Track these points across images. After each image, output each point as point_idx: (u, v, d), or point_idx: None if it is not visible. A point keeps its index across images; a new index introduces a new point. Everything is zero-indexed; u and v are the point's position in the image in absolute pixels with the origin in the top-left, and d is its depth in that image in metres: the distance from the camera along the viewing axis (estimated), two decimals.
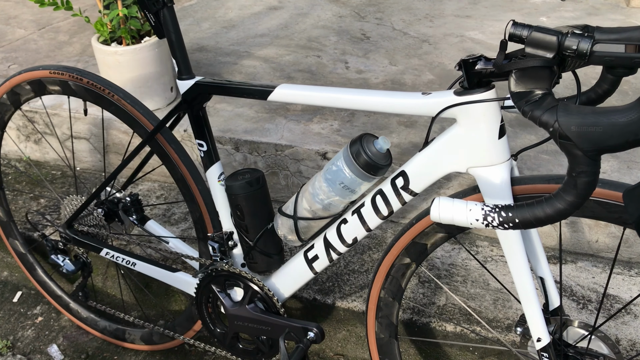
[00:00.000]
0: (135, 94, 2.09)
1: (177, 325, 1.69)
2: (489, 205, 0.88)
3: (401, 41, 2.72)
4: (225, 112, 2.13)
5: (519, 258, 1.11)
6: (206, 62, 2.52)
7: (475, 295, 1.67)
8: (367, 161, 1.16)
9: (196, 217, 1.48)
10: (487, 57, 1.02)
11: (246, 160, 1.99)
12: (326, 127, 2.02)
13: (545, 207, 0.84)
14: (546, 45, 0.90)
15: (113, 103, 1.45)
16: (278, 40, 2.75)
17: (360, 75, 2.38)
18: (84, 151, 2.23)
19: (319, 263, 1.34)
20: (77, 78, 1.47)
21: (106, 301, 2.00)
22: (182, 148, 1.44)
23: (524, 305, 1.15)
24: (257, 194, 1.35)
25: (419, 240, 1.23)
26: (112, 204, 1.67)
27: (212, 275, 1.45)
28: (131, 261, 1.58)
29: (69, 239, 1.62)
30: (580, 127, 0.77)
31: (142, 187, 2.17)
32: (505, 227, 0.88)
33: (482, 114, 1.03)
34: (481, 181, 1.08)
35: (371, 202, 1.21)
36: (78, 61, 2.56)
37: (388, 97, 1.12)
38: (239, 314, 1.44)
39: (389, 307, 1.34)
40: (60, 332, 1.92)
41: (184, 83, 1.33)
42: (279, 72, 2.40)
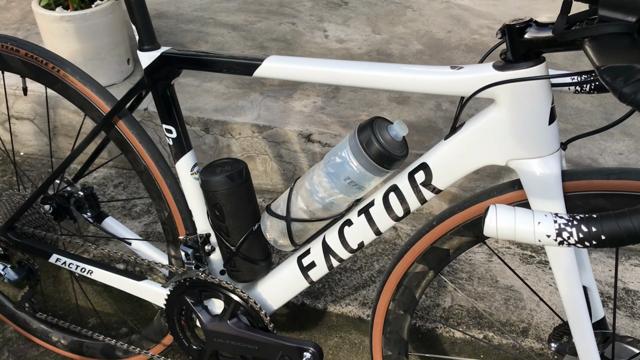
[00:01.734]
0: (86, 67, 1.80)
1: (143, 339, 1.45)
2: (564, 216, 0.67)
3: (382, 7, 2.48)
4: (191, 88, 1.86)
5: (570, 269, 0.92)
6: (166, 30, 2.23)
7: (483, 294, 1.48)
8: (380, 151, 0.94)
9: (164, 216, 1.24)
10: (539, 22, 0.80)
11: (218, 143, 1.74)
12: (309, 105, 1.78)
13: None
14: (628, 5, 0.69)
15: (59, 80, 1.19)
16: (247, 5, 2.47)
17: (342, 45, 2.14)
18: (28, 134, 1.94)
19: (315, 271, 1.12)
20: (12, 49, 1.20)
21: (59, 307, 1.74)
22: (146, 134, 1.19)
23: (572, 324, 0.96)
24: (239, 190, 1.12)
25: (440, 246, 1.03)
26: (62, 199, 1.41)
27: (185, 285, 1.22)
28: (87, 268, 1.33)
29: (9, 243, 1.35)
30: None
31: (97, 174, 1.90)
32: (586, 245, 0.67)
33: (531, 93, 0.82)
34: (525, 176, 0.87)
35: (383, 200, 0.99)
36: (18, 29, 2.24)
37: (411, 74, 0.90)
38: (218, 329, 1.22)
39: (399, 321, 1.14)
40: (5, 345, 1.66)
41: (147, 55, 1.07)
42: (250, 42, 2.14)
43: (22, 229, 1.35)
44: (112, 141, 1.21)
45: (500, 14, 2.41)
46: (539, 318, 1.42)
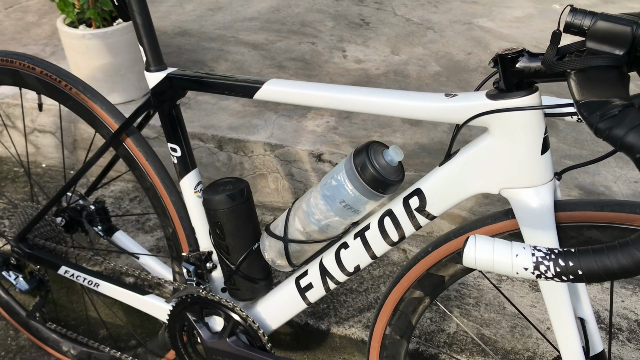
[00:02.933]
0: (106, 83, 1.86)
1: (148, 352, 1.47)
2: (542, 249, 0.67)
3: (403, 28, 2.49)
4: (207, 106, 1.90)
5: (561, 300, 0.90)
6: (189, 47, 2.28)
7: (489, 321, 1.46)
8: (374, 176, 0.94)
9: (169, 233, 1.26)
10: (532, 53, 0.80)
11: (231, 160, 1.77)
12: (321, 124, 1.79)
13: (621, 256, 0.62)
14: (616, 38, 0.69)
15: (71, 97, 1.22)
16: (269, 24, 2.51)
17: (360, 65, 2.15)
18: (49, 146, 1.99)
19: (313, 293, 1.13)
20: (29, 67, 1.24)
21: (72, 317, 1.78)
22: (153, 152, 1.22)
23: (564, 357, 0.95)
24: (240, 210, 1.14)
25: (435, 272, 1.02)
26: (74, 212, 1.44)
27: (186, 301, 1.23)
28: (94, 281, 1.36)
29: (22, 253, 1.39)
30: None
31: (114, 188, 1.94)
32: (563, 279, 0.66)
33: (523, 123, 0.82)
34: (517, 205, 0.87)
35: (378, 224, 0.99)
36: (46, 45, 2.31)
37: (403, 100, 0.90)
38: (218, 347, 1.23)
39: (396, 346, 1.13)
40: (18, 353, 1.70)
41: (153, 76, 1.10)
42: (269, 61, 2.17)
43: (34, 240, 1.39)
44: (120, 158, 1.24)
45: (522, 36, 2.40)
46: (545, 347, 1.39)
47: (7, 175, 2.01)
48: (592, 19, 0.71)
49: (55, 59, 2.17)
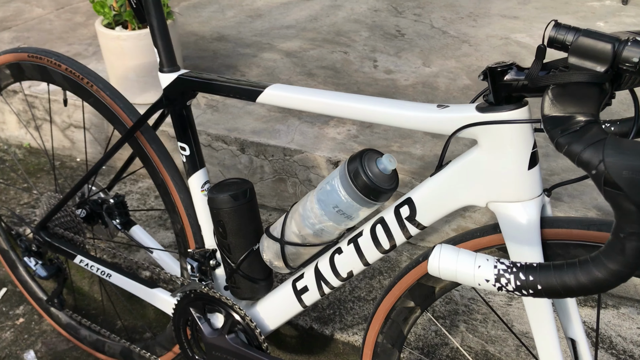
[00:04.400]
0: (139, 83, 1.93)
1: (157, 345, 1.51)
2: (505, 262, 0.67)
3: (439, 40, 2.49)
4: (234, 109, 1.94)
5: (544, 316, 0.89)
6: (224, 52, 2.34)
7: (495, 338, 1.44)
8: (366, 183, 0.95)
9: (178, 229, 1.30)
10: (520, 67, 0.80)
11: (252, 163, 1.80)
12: (342, 132, 1.81)
13: (580, 273, 0.62)
14: (597, 55, 0.68)
15: (92, 94, 1.28)
16: (304, 32, 2.55)
17: (389, 76, 2.16)
18: (83, 141, 2.08)
19: (308, 296, 1.14)
20: (55, 64, 1.30)
21: (92, 307, 1.84)
22: (165, 150, 1.26)
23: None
24: (242, 209, 1.16)
25: (425, 282, 1.02)
26: (95, 204, 1.50)
27: (190, 296, 1.27)
28: (106, 272, 1.41)
29: (42, 241, 1.46)
30: (636, 172, 0.55)
31: (141, 185, 2.01)
32: (523, 293, 0.66)
33: (510, 137, 0.81)
34: (503, 220, 0.86)
35: (370, 231, 1.00)
36: (90, 45, 2.41)
37: (398, 109, 0.91)
38: (217, 343, 1.26)
39: (387, 355, 1.13)
40: (40, 337, 1.77)
41: (166, 76, 1.15)
42: (299, 68, 2.20)
43: (53, 229, 1.46)
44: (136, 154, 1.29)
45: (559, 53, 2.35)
46: None
47: (44, 168, 2.10)
48: (574, 35, 0.71)
49: (96, 58, 2.27)
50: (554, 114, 0.65)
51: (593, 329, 1.46)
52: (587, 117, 0.62)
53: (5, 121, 2.20)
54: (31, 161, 2.14)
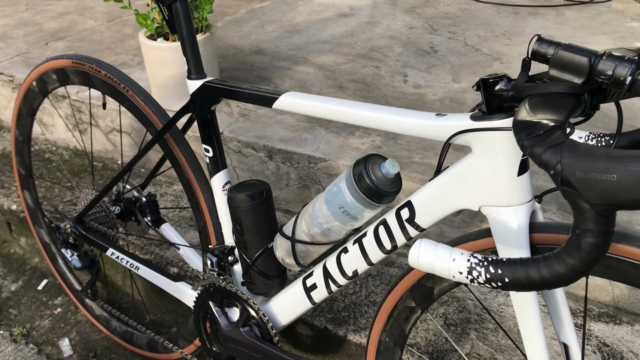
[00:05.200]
0: (177, 91, 2.04)
1: (180, 337, 1.60)
2: (477, 256, 0.72)
3: (471, 57, 2.53)
4: (265, 118, 2.03)
5: (531, 315, 0.93)
6: (260, 65, 2.44)
7: (505, 347, 1.47)
8: (369, 186, 1.01)
9: (201, 226, 1.39)
10: (510, 78, 0.85)
11: (279, 170, 1.89)
12: (367, 142, 1.88)
13: (542, 268, 0.66)
14: (575, 68, 0.73)
15: (127, 98, 1.39)
16: (339, 47, 2.63)
17: (417, 91, 2.21)
18: (125, 145, 2.20)
19: (317, 293, 1.21)
20: (96, 69, 1.42)
21: (125, 300, 1.95)
22: (191, 151, 1.35)
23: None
24: (258, 209, 1.24)
25: (425, 283, 1.07)
26: (129, 202, 1.61)
27: (209, 290, 1.35)
28: (135, 264, 1.51)
29: (77, 234, 1.57)
30: (588, 173, 0.59)
31: (177, 187, 2.12)
32: (493, 285, 0.71)
33: (501, 144, 0.86)
34: (494, 223, 0.91)
35: (374, 233, 1.06)
36: (135, 55, 2.55)
37: (398, 116, 0.97)
38: (232, 336, 1.33)
39: (390, 353, 1.19)
40: (75, 326, 1.88)
41: (193, 83, 1.24)
42: (330, 81, 2.28)
43: (89, 223, 1.56)
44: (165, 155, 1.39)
45: None
46: None
47: (87, 169, 2.24)
48: (555, 49, 0.76)
49: (140, 68, 2.40)
50: (523, 119, 0.70)
51: (605, 344, 1.47)
52: (553, 123, 0.67)
53: (54, 124, 2.35)
54: (76, 162, 2.28)
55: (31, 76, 1.57)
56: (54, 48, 2.65)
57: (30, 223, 1.87)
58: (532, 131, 0.67)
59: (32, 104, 1.63)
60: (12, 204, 2.07)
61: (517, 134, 0.69)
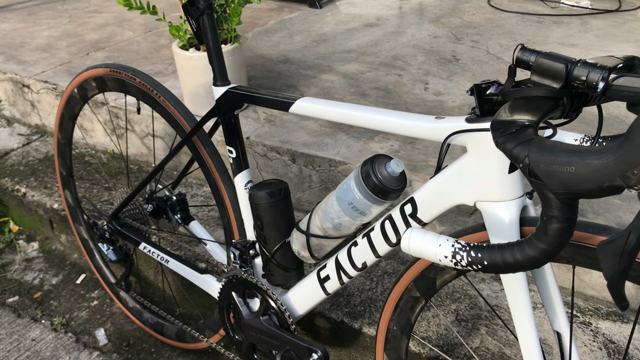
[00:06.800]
0: (207, 99, 2.16)
1: (206, 328, 1.71)
2: (461, 242, 0.80)
3: (492, 66, 2.59)
4: (290, 124, 2.14)
5: (521, 303, 1.01)
6: (287, 73, 2.55)
7: (513, 342, 1.54)
8: (375, 184, 1.10)
9: (225, 222, 1.49)
10: (500, 83, 0.93)
11: (301, 172, 1.99)
12: (385, 147, 1.96)
13: (516, 252, 0.75)
14: (553, 73, 0.81)
15: (159, 104, 1.51)
16: (363, 56, 2.73)
17: (437, 98, 2.29)
18: (159, 149, 2.34)
19: (330, 284, 1.30)
20: (131, 77, 1.54)
21: (156, 294, 2.07)
22: (217, 152, 1.46)
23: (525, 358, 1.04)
24: (277, 206, 1.34)
25: (428, 274, 1.16)
26: (161, 201, 1.73)
27: (232, 281, 1.45)
28: (165, 257, 1.63)
29: (113, 229, 1.70)
30: (550, 165, 0.68)
31: (207, 189, 2.24)
32: (474, 268, 0.79)
33: (492, 144, 0.94)
34: (487, 217, 0.99)
35: (380, 227, 1.15)
36: (170, 64, 2.70)
37: (400, 119, 1.06)
38: (253, 324, 1.43)
39: (397, 341, 1.27)
40: (110, 318, 2.01)
41: (218, 89, 1.35)
42: (354, 89, 2.38)
43: (124, 219, 1.69)
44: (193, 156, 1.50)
45: None
46: None
47: (123, 171, 2.38)
48: (535, 56, 0.84)
49: (174, 76, 2.54)
50: (500, 119, 0.78)
51: (612, 341, 1.53)
52: (526, 122, 0.76)
53: (94, 129, 2.51)
54: (113, 165, 2.42)
55: (73, 84, 1.71)
56: (94, 58, 2.82)
57: (70, 220, 2.01)
58: (506, 129, 0.76)
59: (74, 109, 1.76)
60: (54, 203, 2.22)
61: (493, 131, 0.77)
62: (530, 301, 1.01)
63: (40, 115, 2.70)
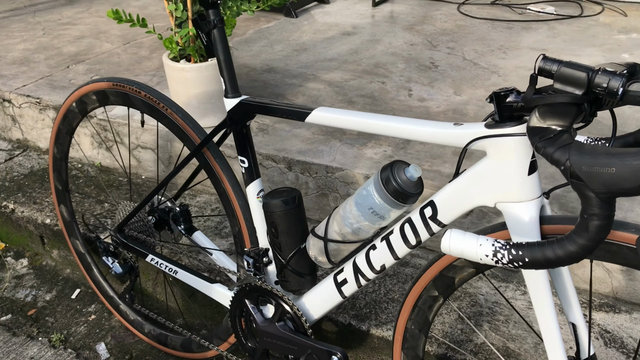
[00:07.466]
0: (199, 109, 2.18)
1: (214, 337, 1.72)
2: (500, 241, 0.86)
3: (470, 71, 2.68)
4: (283, 132, 2.17)
5: (544, 297, 1.07)
6: (273, 82, 2.59)
7: (516, 336, 1.60)
8: (396, 188, 1.15)
9: (236, 231, 1.52)
10: (519, 91, 0.99)
11: (298, 179, 2.02)
12: (379, 153, 2.02)
13: (556, 248, 0.80)
14: (575, 81, 0.87)
15: (166, 116, 1.52)
16: (346, 64, 2.78)
17: (422, 104, 2.36)
18: (149, 161, 2.34)
19: (347, 287, 1.34)
20: (136, 91, 1.55)
21: (155, 306, 2.07)
22: (227, 163, 1.49)
23: (549, 352, 1.10)
24: (292, 213, 1.37)
25: (447, 273, 1.21)
26: (163, 212, 1.74)
27: (246, 289, 1.48)
28: (173, 269, 1.64)
29: (118, 242, 1.70)
30: (592, 167, 0.74)
31: (200, 199, 2.25)
32: (515, 265, 0.85)
33: (513, 148, 1.00)
34: (508, 217, 1.05)
35: (400, 230, 1.20)
36: (154, 76, 2.70)
37: (420, 126, 1.11)
38: (268, 330, 1.46)
39: (415, 339, 1.32)
40: (110, 331, 2.00)
41: (230, 101, 1.38)
42: (341, 96, 2.43)
43: (129, 232, 1.69)
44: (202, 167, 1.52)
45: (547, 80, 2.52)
46: None
47: (113, 184, 2.37)
48: (558, 66, 0.90)
49: (159, 87, 2.54)
50: (536, 125, 0.84)
51: (606, 331, 1.61)
52: (561, 128, 0.82)
53: (80, 142, 2.49)
54: (102, 178, 2.41)
55: (71, 98, 1.71)
56: (76, 71, 2.79)
57: (66, 235, 2.00)
58: (543, 135, 0.81)
59: (72, 123, 1.76)
60: (45, 218, 2.20)
61: (531, 137, 0.83)
62: (552, 296, 1.07)
63: (22, 130, 2.66)
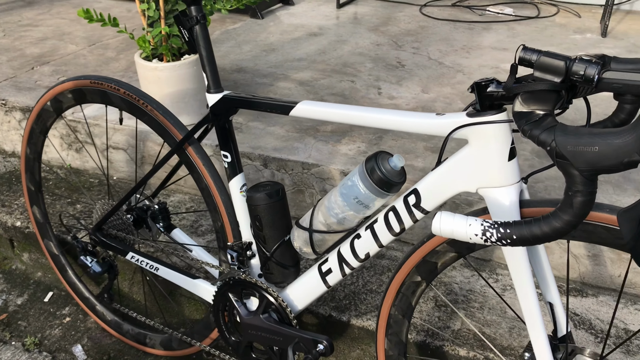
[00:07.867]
0: (173, 108, 2.16)
1: (195, 333, 1.73)
2: (489, 221, 0.90)
3: (436, 70, 2.76)
4: (256, 130, 2.19)
5: (525, 278, 1.12)
6: (244, 82, 2.60)
7: (491, 322, 1.66)
8: (380, 178, 1.19)
9: (218, 226, 1.53)
10: (499, 81, 1.04)
11: (274, 176, 2.05)
12: (353, 149, 2.06)
13: (543, 225, 0.85)
14: (554, 69, 0.92)
15: (146, 113, 1.53)
16: (315, 64, 2.82)
17: (392, 101, 2.42)
18: (120, 161, 2.32)
19: (332, 277, 1.37)
20: (115, 88, 1.55)
21: (132, 306, 2.06)
22: (208, 159, 1.50)
23: (530, 329, 1.15)
24: (276, 206, 1.40)
25: (430, 259, 1.25)
26: (141, 210, 1.73)
27: (229, 283, 1.49)
28: (155, 266, 1.64)
29: (97, 241, 1.69)
30: (576, 146, 0.79)
31: (174, 198, 2.25)
32: (503, 243, 0.89)
33: (493, 135, 1.05)
34: (490, 202, 1.10)
35: (384, 218, 1.23)
36: (122, 76, 2.68)
37: (404, 117, 1.15)
38: (253, 323, 1.48)
39: (399, 325, 1.36)
40: (86, 333, 1.98)
41: (212, 96, 1.39)
42: (312, 95, 2.47)
43: (107, 231, 1.69)
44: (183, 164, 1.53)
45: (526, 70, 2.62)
46: None
47: (84, 185, 2.34)
48: (537, 55, 0.95)
49: None
50: (520, 110, 0.89)
51: (575, 314, 1.68)
52: (544, 112, 0.87)
53: (48, 144, 2.45)
54: (72, 180, 2.38)
55: (45, 97, 1.69)
56: (41, 72, 2.75)
57: (39, 237, 1.97)
58: (529, 119, 0.86)
59: (46, 122, 1.74)
60: (15, 221, 2.16)
61: (518, 121, 0.88)
62: (532, 276, 1.12)
63: None
